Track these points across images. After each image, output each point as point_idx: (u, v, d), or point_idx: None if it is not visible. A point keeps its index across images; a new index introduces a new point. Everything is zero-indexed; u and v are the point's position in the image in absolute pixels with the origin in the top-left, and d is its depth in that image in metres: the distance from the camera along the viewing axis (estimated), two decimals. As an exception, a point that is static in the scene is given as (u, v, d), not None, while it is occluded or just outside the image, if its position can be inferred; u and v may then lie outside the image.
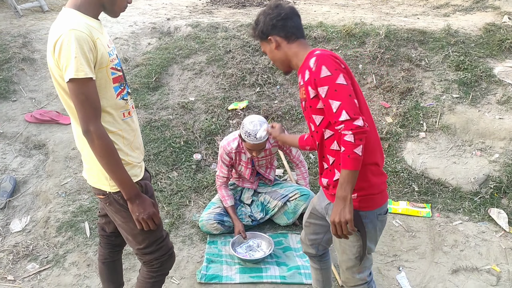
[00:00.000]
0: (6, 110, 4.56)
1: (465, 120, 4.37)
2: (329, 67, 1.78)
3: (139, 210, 1.85)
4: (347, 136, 1.74)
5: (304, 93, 1.92)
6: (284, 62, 2.04)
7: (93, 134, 1.69)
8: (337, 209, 1.80)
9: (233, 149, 3.36)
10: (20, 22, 6.08)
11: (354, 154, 1.74)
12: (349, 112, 1.74)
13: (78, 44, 1.63)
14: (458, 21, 5.78)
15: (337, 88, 1.77)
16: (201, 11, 6.98)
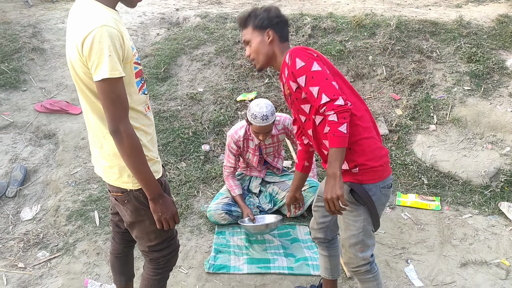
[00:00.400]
0: (17, 100, 4.59)
1: (476, 113, 4.32)
2: (302, 58, 1.92)
3: (162, 210, 1.83)
4: (330, 116, 1.85)
5: (288, 88, 2.05)
6: (268, 57, 2.10)
7: (123, 133, 1.64)
8: (328, 186, 1.85)
9: (241, 137, 3.37)
10: (30, 12, 6.09)
11: (338, 132, 1.82)
12: (328, 94, 1.86)
13: (111, 41, 1.57)
14: (470, 12, 5.69)
15: (313, 75, 1.90)
16: (210, 2, 6.94)
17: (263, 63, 2.13)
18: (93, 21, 1.58)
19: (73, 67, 1.69)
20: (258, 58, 2.12)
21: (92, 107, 1.75)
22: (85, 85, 1.70)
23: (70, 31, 1.69)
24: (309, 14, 5.61)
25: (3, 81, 4.68)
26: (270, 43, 2.07)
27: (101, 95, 1.62)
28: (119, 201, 1.92)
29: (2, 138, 4.16)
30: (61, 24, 5.69)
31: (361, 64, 4.91)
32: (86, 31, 1.57)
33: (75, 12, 1.68)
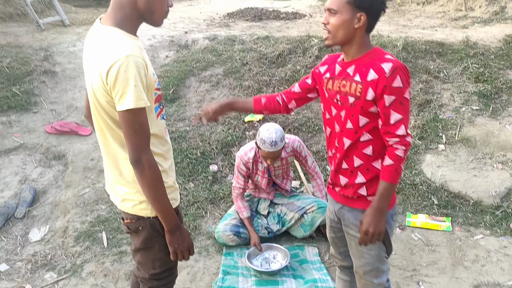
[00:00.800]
0: (27, 122, 4.66)
1: (485, 133, 4.30)
2: (403, 79, 1.75)
3: (178, 241, 1.78)
4: (398, 151, 1.77)
5: (360, 91, 1.81)
6: (345, 40, 1.83)
7: (145, 163, 1.62)
8: (373, 220, 1.83)
9: (250, 159, 3.36)
10: (41, 36, 6.24)
11: (400, 169, 1.78)
12: (406, 128, 1.77)
13: (137, 71, 1.55)
14: (477, 33, 5.73)
15: (403, 101, 1.76)
16: (218, 25, 7.06)
17: (336, 42, 1.85)
18: (118, 50, 1.55)
19: (95, 94, 1.66)
20: (334, 35, 1.81)
21: (113, 134, 1.73)
22: (106, 113, 1.68)
23: (91, 59, 1.65)
24: (316, 36, 5.68)
25: (15, 103, 4.76)
26: (356, 29, 1.79)
27: (123, 124, 1.60)
28: (131, 229, 1.87)
29: (12, 160, 4.21)
30: (72, 47, 5.81)
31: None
32: (111, 61, 1.54)
33: (96, 39, 1.65)
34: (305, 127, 4.63)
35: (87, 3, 10.41)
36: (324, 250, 3.40)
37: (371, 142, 1.89)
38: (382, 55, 1.82)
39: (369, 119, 1.85)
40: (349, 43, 1.84)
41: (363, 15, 1.76)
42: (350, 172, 1.97)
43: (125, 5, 1.63)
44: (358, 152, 1.92)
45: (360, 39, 1.82)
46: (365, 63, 1.83)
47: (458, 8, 7.12)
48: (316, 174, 3.60)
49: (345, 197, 2.02)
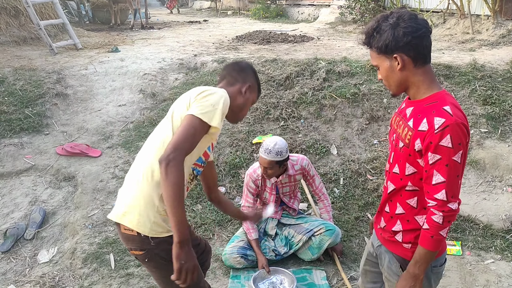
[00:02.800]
0: (39, 143, 4.73)
1: (494, 155, 4.27)
2: (454, 140, 1.57)
3: (186, 257, 1.72)
4: (435, 216, 1.63)
5: (409, 139, 1.70)
6: (401, 85, 1.73)
7: (177, 163, 1.67)
8: (407, 284, 1.75)
9: (259, 176, 3.41)
10: (54, 59, 6.38)
11: (438, 236, 1.64)
12: (449, 193, 1.60)
13: (225, 104, 1.85)
14: (484, 56, 5.75)
15: (450, 164, 1.59)
16: (227, 47, 7.17)
17: (397, 91, 1.76)
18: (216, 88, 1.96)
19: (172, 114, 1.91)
20: (389, 85, 1.76)
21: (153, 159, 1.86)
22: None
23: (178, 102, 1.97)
24: (323, 59, 5.74)
25: (27, 125, 4.85)
26: (401, 70, 1.67)
27: (183, 125, 1.76)
28: (139, 259, 1.92)
29: (23, 181, 4.26)
30: (84, 70, 5.93)
31: (376, 107, 4.95)
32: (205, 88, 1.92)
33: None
34: (312, 149, 4.64)
35: (100, 27, 10.64)
36: (332, 273, 3.37)
37: (417, 194, 1.77)
38: (442, 104, 1.63)
39: (416, 170, 1.73)
40: (408, 87, 1.73)
41: (397, 56, 1.65)
42: (390, 217, 1.90)
43: (229, 93, 1.99)
44: (402, 200, 1.82)
45: (414, 78, 1.69)
46: (422, 108, 1.68)
47: (465, 31, 7.16)
48: (323, 195, 3.60)
49: (383, 238, 1.97)
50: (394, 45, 1.63)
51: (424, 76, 1.69)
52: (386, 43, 1.64)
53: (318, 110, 5.01)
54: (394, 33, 1.62)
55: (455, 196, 1.62)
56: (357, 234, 3.79)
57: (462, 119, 1.61)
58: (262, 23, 11.54)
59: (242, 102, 2.09)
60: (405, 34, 1.61)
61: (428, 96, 1.69)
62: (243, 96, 2.09)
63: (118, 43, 7.79)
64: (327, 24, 10.16)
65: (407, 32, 1.62)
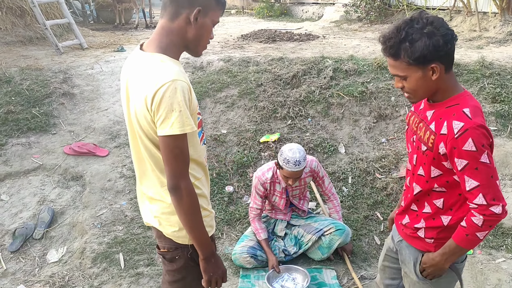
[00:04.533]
0: (46, 143, 4.73)
1: (504, 153, 4.24)
2: (477, 142, 1.54)
3: (214, 270, 1.75)
4: (475, 218, 1.59)
5: (432, 143, 1.67)
6: (430, 93, 1.69)
7: (183, 190, 1.60)
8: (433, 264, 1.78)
9: (268, 179, 3.36)
10: (61, 59, 6.37)
11: (474, 237, 1.62)
12: (487, 196, 1.56)
13: (182, 97, 1.54)
14: (492, 53, 5.72)
15: (479, 166, 1.55)
16: (232, 46, 7.15)
17: (421, 98, 1.73)
18: (164, 75, 1.55)
19: (138, 120, 1.65)
20: (416, 94, 1.68)
21: (154, 161, 1.71)
22: (149, 140, 1.67)
23: (135, 85, 1.65)
24: (330, 57, 5.72)
25: (34, 125, 4.84)
26: (436, 80, 1.60)
27: (164, 149, 1.58)
28: (167, 258, 1.85)
29: (31, 181, 4.26)
30: (90, 70, 5.92)
31: (384, 105, 4.93)
32: (157, 86, 1.53)
33: (140, 65, 1.66)
34: (320, 148, 4.62)
35: (104, 27, 10.65)
36: (342, 273, 3.35)
37: (443, 195, 1.76)
38: (462, 106, 1.60)
39: (442, 172, 1.70)
40: (435, 94, 1.69)
41: (435, 65, 1.57)
42: (416, 215, 1.89)
43: (174, 32, 1.66)
44: (430, 200, 1.81)
45: (444, 84, 1.64)
46: (444, 111, 1.65)
47: (472, 29, 7.12)
48: (333, 195, 3.58)
49: (405, 234, 1.96)
50: (434, 55, 1.55)
51: (451, 81, 1.66)
52: (424, 54, 1.54)
53: (325, 109, 4.99)
54: (433, 42, 1.53)
55: (497, 198, 1.57)
56: (367, 233, 3.77)
57: (481, 121, 1.57)
58: (267, 22, 11.50)
59: (195, 33, 1.68)
60: (445, 43, 1.55)
61: (449, 98, 1.66)
62: (194, 26, 1.66)
63: (123, 42, 7.78)
64: (332, 23, 10.12)
65: (447, 40, 1.55)
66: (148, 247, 3.56)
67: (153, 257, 3.46)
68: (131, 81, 1.70)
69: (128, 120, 1.75)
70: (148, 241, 3.62)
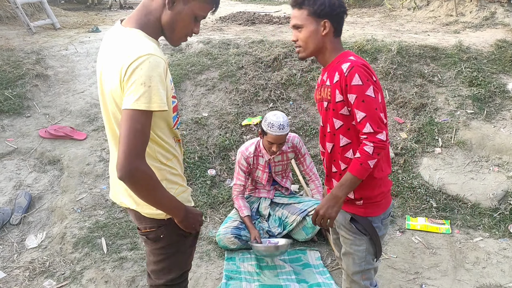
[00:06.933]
0: (20, 126, 4.56)
1: (480, 136, 4.35)
2: (362, 76, 1.78)
3: (192, 221, 1.76)
4: (367, 147, 1.79)
5: (329, 95, 1.91)
6: (317, 49, 1.93)
7: (141, 172, 1.47)
8: (327, 204, 1.88)
9: (251, 153, 3.40)
10: (33, 39, 6.13)
11: (366, 165, 1.79)
12: (373, 125, 1.79)
13: (156, 72, 1.47)
14: (469, 38, 5.81)
15: (365, 99, 1.79)
16: (211, 28, 7.04)
17: (309, 54, 1.95)
18: (140, 49, 1.49)
19: (113, 98, 1.58)
20: (305, 47, 1.92)
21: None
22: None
23: (110, 60, 1.59)
24: (311, 40, 5.69)
25: (7, 107, 4.66)
26: (324, 36, 1.89)
27: (124, 123, 1.46)
28: (150, 238, 1.81)
29: (6, 165, 4.12)
30: (64, 51, 5.73)
31: (364, 89, 4.95)
32: (131, 59, 1.47)
33: (116, 40, 1.60)
34: (302, 131, 4.63)
35: (76, 6, 10.30)
36: (326, 254, 3.39)
37: (351, 146, 1.93)
38: (345, 55, 1.89)
39: (342, 122, 1.91)
40: (321, 52, 1.94)
41: (326, 21, 1.87)
42: (339, 175, 2.01)
43: (152, 12, 1.62)
44: (341, 156, 1.97)
45: (330, 44, 1.92)
46: (334, 67, 1.90)
47: (448, 14, 7.21)
48: (314, 175, 3.62)
49: None
50: (328, 12, 1.86)
51: (337, 45, 1.95)
52: (322, 8, 1.85)
53: (307, 92, 4.98)
54: (331, 1, 1.86)
55: (380, 127, 1.79)
56: (349, 214, 3.81)
57: (364, 62, 1.85)
58: (244, 4, 11.35)
59: (169, 18, 1.60)
60: (339, 6, 1.88)
61: (336, 57, 1.93)
62: (170, 10, 1.59)
63: (97, 23, 7.54)
64: (310, 6, 10.08)
65: (341, 4, 1.88)
66: (130, 231, 3.51)
67: (136, 241, 3.41)
68: (105, 56, 1.65)
69: (102, 97, 1.69)
70: (130, 225, 3.57)
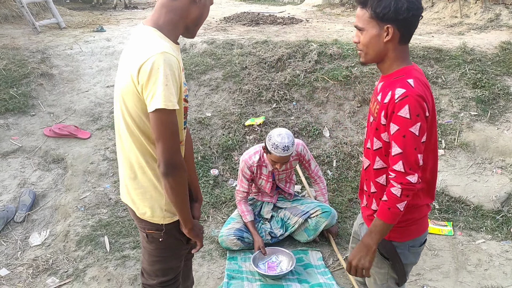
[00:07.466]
0: (25, 125, 4.60)
1: (484, 138, 4.34)
2: (412, 110, 1.58)
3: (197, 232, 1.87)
4: (394, 189, 1.63)
5: (377, 112, 1.73)
6: (378, 57, 1.72)
7: (181, 168, 1.56)
8: (358, 253, 1.75)
9: (255, 163, 3.36)
10: (38, 38, 6.17)
11: (395, 209, 1.64)
12: (406, 164, 1.61)
13: (169, 70, 1.48)
14: (473, 40, 5.80)
15: (407, 135, 1.60)
16: (215, 29, 7.06)
17: (370, 60, 1.75)
18: (152, 47, 1.50)
19: (122, 96, 1.61)
20: (366, 52, 1.73)
21: (134, 139, 1.67)
22: (131, 117, 1.62)
23: (125, 57, 1.63)
24: (315, 41, 5.70)
25: (12, 105, 4.70)
26: (387, 43, 1.66)
27: (158, 126, 1.50)
28: (149, 238, 1.85)
29: (10, 163, 4.15)
30: (69, 50, 5.76)
31: (368, 90, 4.96)
32: (144, 58, 1.48)
33: (135, 40, 1.63)
34: (305, 132, 4.64)
35: (81, 6, 10.35)
36: (327, 254, 3.40)
37: (385, 171, 1.77)
38: (407, 77, 1.66)
39: (381, 145, 1.75)
40: (382, 59, 1.73)
41: (390, 27, 1.63)
42: (368, 195, 1.92)
43: (175, 10, 1.61)
44: (373, 178, 1.85)
45: (393, 53, 1.69)
46: (390, 82, 1.70)
47: (453, 15, 7.19)
48: (319, 178, 3.61)
49: (366, 216, 1.98)
50: (393, 16, 1.61)
51: (402, 54, 1.71)
52: (385, 11, 1.61)
53: (310, 93, 4.99)
54: (397, 4, 1.59)
55: (413, 168, 1.61)
56: (351, 215, 3.82)
57: (422, 92, 1.62)
58: (248, 4, 11.38)
59: (198, 13, 1.66)
60: (407, 9, 1.59)
61: (397, 70, 1.71)
62: (197, 5, 1.63)
63: (102, 22, 7.58)
64: (314, 7, 10.09)
65: (410, 7, 1.60)
66: (133, 229, 3.53)
67: (138, 240, 3.43)
68: (123, 55, 1.69)
69: (116, 98, 1.72)
70: (133, 224, 3.58)
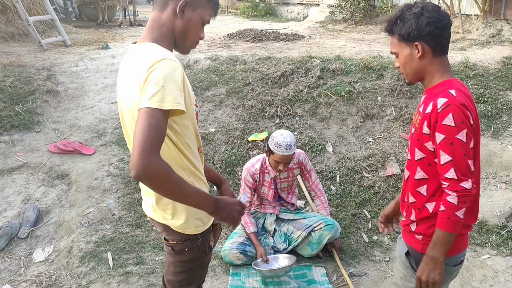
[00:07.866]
0: (30, 141, 4.63)
1: (487, 153, 4.33)
2: (456, 118, 1.61)
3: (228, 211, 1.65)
4: (450, 197, 1.64)
5: (418, 123, 1.76)
6: (418, 74, 1.79)
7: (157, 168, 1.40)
8: (426, 268, 1.73)
9: (257, 170, 3.41)
10: (44, 55, 6.26)
11: (455, 217, 1.64)
12: (458, 171, 1.63)
13: (171, 73, 1.49)
14: (475, 55, 5.83)
15: (454, 142, 1.62)
16: (219, 45, 7.13)
17: (412, 79, 1.83)
18: (154, 55, 1.54)
19: (132, 111, 1.62)
20: (406, 73, 1.81)
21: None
22: None
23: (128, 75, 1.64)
24: (317, 57, 5.75)
25: (17, 122, 4.74)
26: (420, 58, 1.74)
27: (139, 120, 1.43)
28: (175, 250, 1.81)
29: (15, 179, 4.17)
30: (74, 67, 5.83)
31: (371, 105, 4.98)
32: (148, 65, 1.51)
33: (133, 57, 1.65)
34: (308, 147, 4.65)
35: (87, 24, 10.50)
36: (331, 270, 3.38)
37: (426, 182, 1.80)
38: (449, 88, 1.69)
39: (424, 155, 1.77)
40: (422, 76, 1.79)
41: (418, 44, 1.71)
42: (407, 206, 1.92)
43: (164, 24, 1.66)
44: (413, 188, 1.86)
45: (430, 67, 1.75)
46: (432, 94, 1.74)
47: (455, 31, 7.24)
48: (320, 191, 3.63)
49: (405, 230, 1.97)
50: (417, 34, 1.70)
51: (440, 66, 1.75)
52: (409, 31, 1.71)
53: (313, 108, 5.01)
54: (418, 22, 1.69)
55: (465, 174, 1.63)
56: (355, 231, 3.81)
57: (465, 101, 1.65)
58: (252, 21, 11.51)
59: (182, 26, 1.66)
60: (428, 24, 1.68)
61: (439, 82, 1.75)
62: (181, 18, 1.64)
63: (108, 40, 7.68)
64: (317, 23, 10.18)
65: (430, 22, 1.69)
66: (137, 245, 3.53)
67: (142, 256, 3.43)
68: (123, 73, 1.71)
69: (120, 111, 1.74)
70: (136, 240, 3.58)
